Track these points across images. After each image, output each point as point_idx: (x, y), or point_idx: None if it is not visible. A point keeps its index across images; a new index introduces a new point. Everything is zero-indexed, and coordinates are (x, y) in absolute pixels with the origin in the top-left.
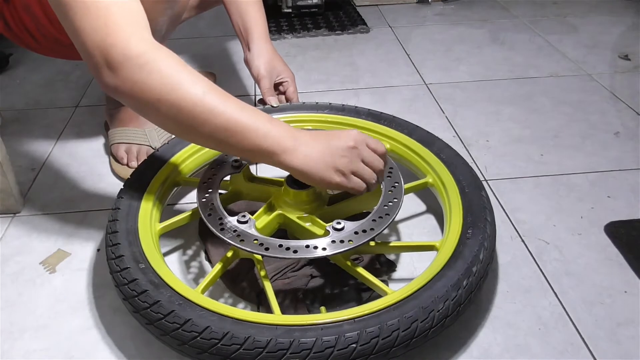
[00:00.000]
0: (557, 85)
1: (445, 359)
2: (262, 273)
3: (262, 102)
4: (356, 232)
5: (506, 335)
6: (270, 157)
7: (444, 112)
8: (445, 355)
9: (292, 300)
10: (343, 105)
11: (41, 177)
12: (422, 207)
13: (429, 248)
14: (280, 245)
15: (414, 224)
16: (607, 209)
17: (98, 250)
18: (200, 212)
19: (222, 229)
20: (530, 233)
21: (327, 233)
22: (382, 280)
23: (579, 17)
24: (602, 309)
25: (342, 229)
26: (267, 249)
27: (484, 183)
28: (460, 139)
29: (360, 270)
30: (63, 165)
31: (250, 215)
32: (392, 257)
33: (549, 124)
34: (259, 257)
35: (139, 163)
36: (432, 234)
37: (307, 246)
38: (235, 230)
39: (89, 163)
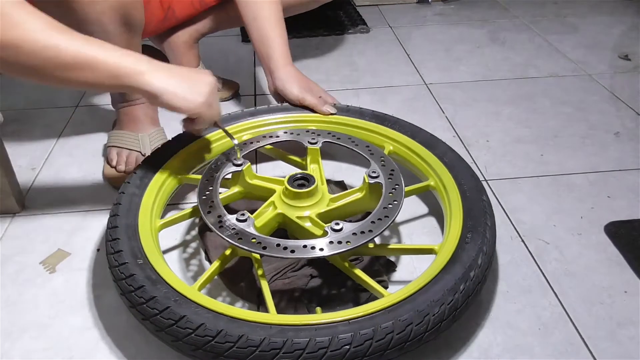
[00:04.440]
0: (557, 85)
1: (445, 359)
2: (260, 272)
3: (280, 98)
4: (355, 234)
5: (506, 335)
6: (129, 81)
7: (444, 112)
8: (445, 355)
9: (291, 300)
10: (348, 105)
11: (41, 177)
12: (424, 208)
13: (428, 251)
14: (278, 245)
15: (414, 226)
16: (607, 209)
17: (98, 250)
18: (200, 209)
19: (221, 227)
20: (530, 233)
21: (325, 233)
22: (382, 281)
23: (579, 17)
24: (602, 309)
25: (341, 229)
26: (265, 248)
27: (484, 183)
28: (460, 139)
29: (358, 271)
30: (63, 165)
31: (249, 214)
32: (392, 257)
33: (549, 124)
34: (257, 256)
35: (126, 168)
36: (432, 235)
37: (305, 246)
38: (234, 229)
39: (89, 163)
